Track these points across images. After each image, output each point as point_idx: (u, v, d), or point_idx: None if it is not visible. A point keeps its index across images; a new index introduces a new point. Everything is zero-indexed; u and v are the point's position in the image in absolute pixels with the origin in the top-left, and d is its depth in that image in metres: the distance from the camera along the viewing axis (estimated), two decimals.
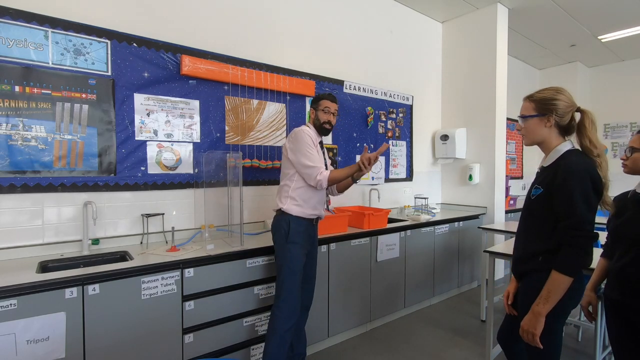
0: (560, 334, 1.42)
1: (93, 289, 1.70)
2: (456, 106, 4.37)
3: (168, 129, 2.42)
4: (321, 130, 2.17)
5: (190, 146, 2.52)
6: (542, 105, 1.42)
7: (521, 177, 5.90)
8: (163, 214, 2.38)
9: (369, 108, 3.65)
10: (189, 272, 1.99)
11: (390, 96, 3.87)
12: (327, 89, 3.28)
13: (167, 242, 2.33)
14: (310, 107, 2.21)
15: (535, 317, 1.33)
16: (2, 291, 1.50)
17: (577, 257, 1.29)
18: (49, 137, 2.02)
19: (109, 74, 2.20)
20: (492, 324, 2.46)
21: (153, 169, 2.37)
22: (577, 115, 1.44)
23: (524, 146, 5.91)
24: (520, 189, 5.73)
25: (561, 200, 1.33)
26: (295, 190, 2.08)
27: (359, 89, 3.57)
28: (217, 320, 2.09)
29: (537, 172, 1.53)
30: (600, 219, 1.49)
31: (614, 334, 1.50)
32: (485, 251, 2.60)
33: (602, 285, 2.23)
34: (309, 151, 2.02)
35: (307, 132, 2.07)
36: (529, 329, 1.34)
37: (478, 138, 4.16)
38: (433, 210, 3.98)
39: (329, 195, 2.37)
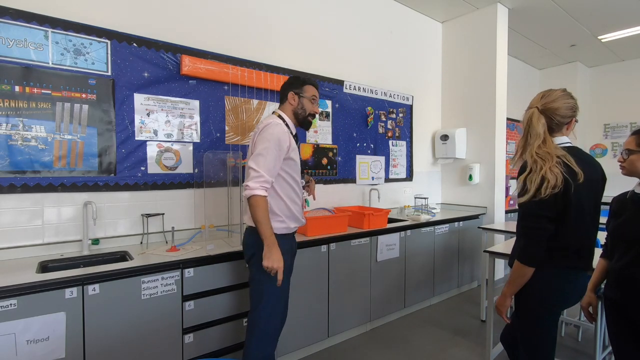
0: (549, 329, 1.46)
1: (93, 289, 1.70)
2: (456, 106, 4.37)
3: (168, 129, 2.42)
4: (304, 123, 1.85)
5: (190, 146, 2.52)
6: None
7: None
8: (163, 214, 2.38)
9: (369, 108, 3.65)
10: (189, 272, 1.99)
11: (390, 96, 3.87)
12: (327, 89, 3.28)
13: (167, 242, 2.33)
14: (289, 90, 1.82)
15: (503, 296, 1.53)
16: (2, 291, 1.50)
17: (526, 247, 1.40)
18: (49, 137, 2.02)
19: (109, 74, 2.20)
20: (492, 324, 2.46)
21: (153, 169, 2.37)
22: None
23: None
24: None
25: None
26: (277, 204, 1.76)
27: (359, 89, 3.57)
28: (217, 320, 2.09)
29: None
30: (601, 219, 1.50)
31: (614, 333, 1.51)
32: (485, 251, 2.59)
33: (602, 286, 2.24)
34: (270, 154, 1.66)
35: (283, 130, 1.71)
36: (498, 306, 1.56)
37: (478, 138, 4.16)
38: (433, 210, 3.98)
39: (305, 192, 2.05)
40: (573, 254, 1.41)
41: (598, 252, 1.68)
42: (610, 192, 1.40)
